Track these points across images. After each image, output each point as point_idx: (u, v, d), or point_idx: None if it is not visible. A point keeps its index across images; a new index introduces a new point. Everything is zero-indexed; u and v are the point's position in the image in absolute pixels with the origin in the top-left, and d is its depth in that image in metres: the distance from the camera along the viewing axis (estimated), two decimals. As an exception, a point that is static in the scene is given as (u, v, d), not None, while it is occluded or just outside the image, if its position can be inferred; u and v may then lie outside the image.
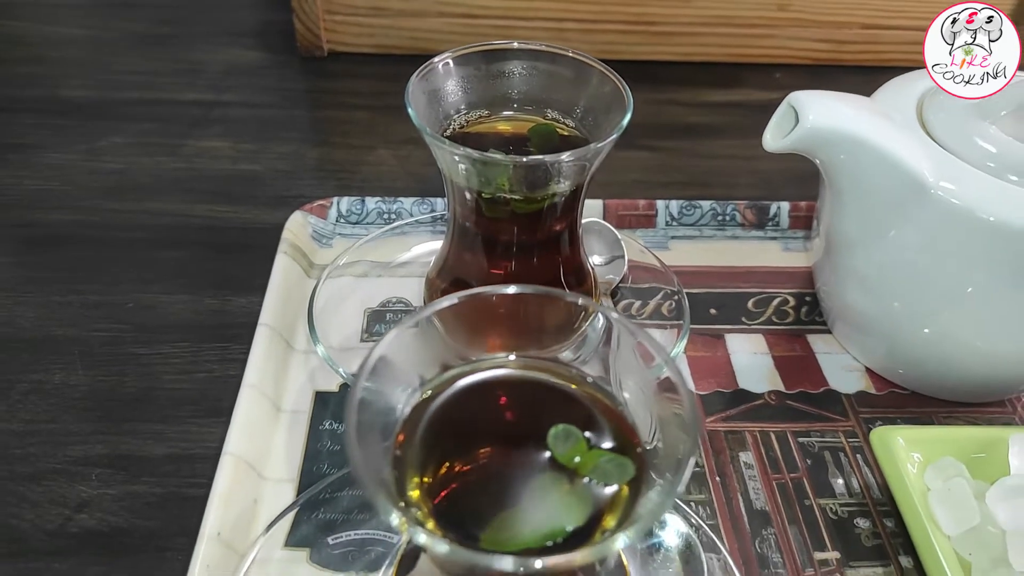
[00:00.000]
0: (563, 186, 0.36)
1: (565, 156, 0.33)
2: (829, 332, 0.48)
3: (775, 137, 0.39)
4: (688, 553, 0.34)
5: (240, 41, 0.72)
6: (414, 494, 0.24)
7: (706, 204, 0.54)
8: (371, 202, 0.52)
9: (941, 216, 0.37)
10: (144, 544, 0.37)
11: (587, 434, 0.26)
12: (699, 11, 0.69)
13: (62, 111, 0.63)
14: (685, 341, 0.43)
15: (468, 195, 0.37)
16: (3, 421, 0.41)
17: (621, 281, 0.48)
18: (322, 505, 0.37)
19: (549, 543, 0.23)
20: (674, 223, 0.53)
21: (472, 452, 0.26)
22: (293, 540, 0.36)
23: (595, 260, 0.48)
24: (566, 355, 0.31)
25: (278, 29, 0.72)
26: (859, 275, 0.42)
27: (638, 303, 0.48)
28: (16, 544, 0.36)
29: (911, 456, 0.38)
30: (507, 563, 0.20)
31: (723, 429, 0.42)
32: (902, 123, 0.39)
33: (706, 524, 0.37)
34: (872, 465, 0.41)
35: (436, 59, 0.37)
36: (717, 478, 0.40)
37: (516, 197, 0.36)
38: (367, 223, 0.52)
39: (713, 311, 0.49)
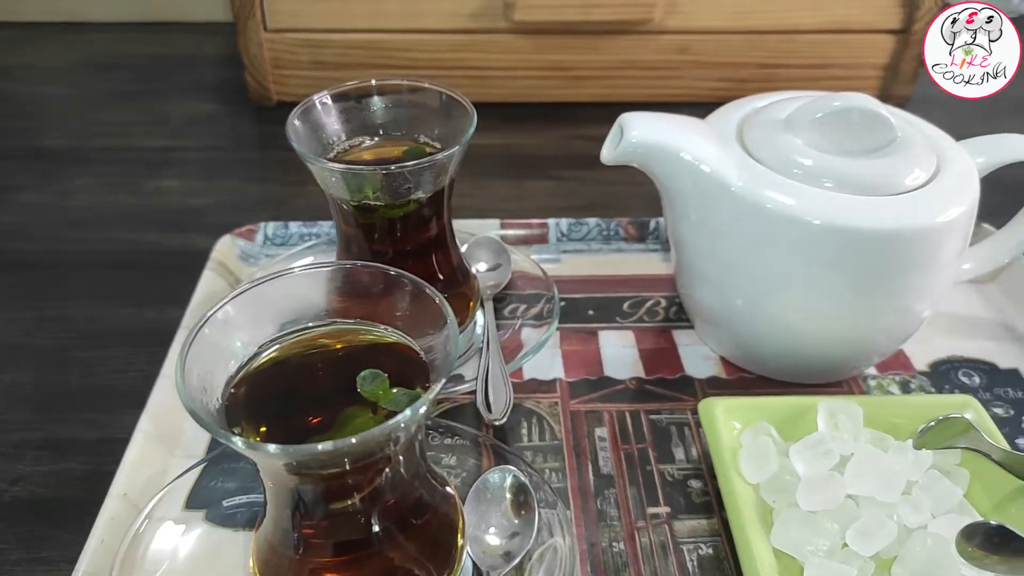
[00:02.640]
0: (422, 192, 0.43)
1: (413, 163, 0.40)
2: (692, 327, 0.53)
3: (609, 151, 0.45)
4: (523, 503, 0.39)
5: (201, 95, 0.81)
6: (246, 430, 0.30)
7: (592, 221, 0.60)
8: (294, 226, 0.59)
9: (746, 216, 0.43)
10: (67, 510, 0.43)
11: (390, 376, 0.32)
12: (609, 57, 0.77)
13: (42, 158, 0.71)
14: (550, 332, 0.50)
15: (345, 207, 0.44)
16: (-43, 414, 0.48)
17: (507, 287, 0.54)
18: (221, 475, 0.43)
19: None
20: (564, 239, 0.60)
21: (294, 393, 0.32)
22: (192, 503, 0.42)
23: (480, 267, 0.54)
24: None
25: (235, 84, 0.81)
26: (702, 275, 0.48)
27: (523, 306, 0.54)
28: (-44, 511, 0.43)
29: (731, 423, 0.43)
30: (295, 450, 0.26)
31: (584, 409, 0.48)
32: (721, 139, 0.46)
33: (555, 486, 0.43)
34: (712, 437, 0.46)
35: (315, 96, 0.45)
36: (572, 450, 0.45)
37: (382, 203, 0.42)
38: (291, 244, 0.59)
39: (591, 312, 0.55)
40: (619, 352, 0.52)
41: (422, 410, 0.29)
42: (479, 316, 0.51)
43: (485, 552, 0.38)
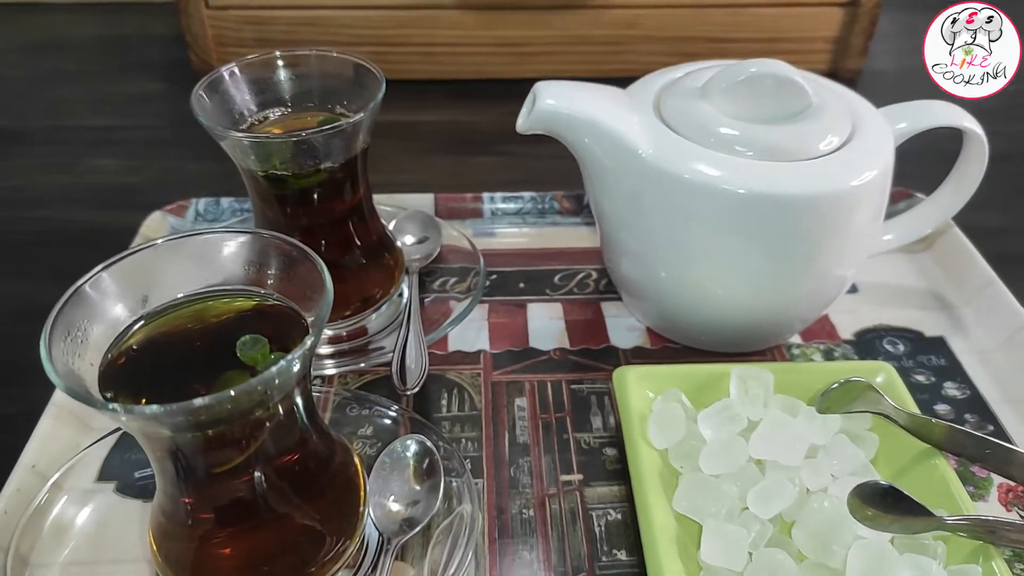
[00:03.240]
0: (331, 162, 0.42)
1: (316, 131, 0.40)
2: (620, 299, 0.53)
3: (523, 120, 0.45)
4: (429, 471, 0.39)
5: (147, 74, 0.80)
6: (124, 399, 0.30)
7: (527, 195, 0.60)
8: (226, 202, 0.59)
9: (660, 186, 0.43)
10: (-21, 483, 0.42)
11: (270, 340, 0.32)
12: (557, 32, 0.77)
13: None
14: (473, 304, 0.50)
15: (257, 179, 0.43)
16: None
17: (437, 260, 0.54)
18: (136, 448, 0.43)
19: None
20: (499, 213, 0.60)
21: (174, 361, 0.32)
22: (104, 475, 0.42)
23: (408, 240, 0.54)
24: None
25: (181, 64, 0.80)
26: (624, 247, 0.48)
27: (452, 279, 0.54)
28: None
29: (644, 391, 0.43)
30: (168, 410, 0.26)
31: (505, 380, 0.48)
32: (638, 108, 0.46)
33: (470, 456, 0.43)
34: (631, 406, 0.46)
35: (222, 68, 0.44)
36: (491, 420, 0.45)
37: (291, 173, 0.42)
38: (223, 220, 0.58)
39: (521, 285, 0.55)
40: (546, 324, 0.52)
41: (295, 367, 0.28)
42: (404, 288, 0.51)
43: (388, 519, 0.38)
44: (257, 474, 0.32)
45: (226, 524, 0.34)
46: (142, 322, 0.32)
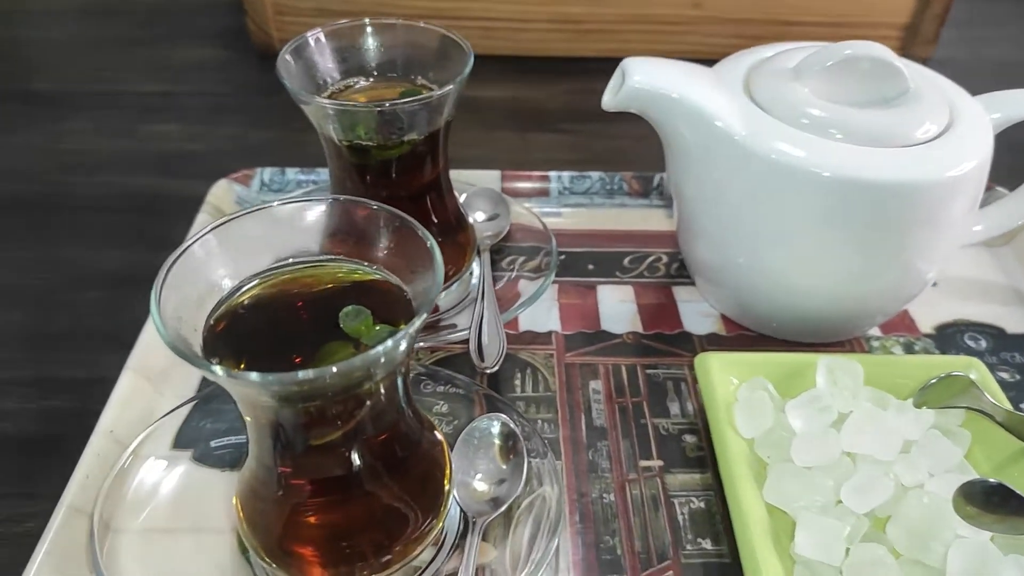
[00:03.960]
0: (416, 134, 0.41)
1: (405, 101, 0.39)
2: (693, 284, 0.52)
3: (610, 97, 0.44)
4: (512, 450, 0.39)
5: (203, 42, 0.79)
6: (226, 363, 0.29)
7: (595, 175, 0.59)
8: (291, 172, 0.58)
9: (750, 166, 0.42)
10: (51, 446, 0.42)
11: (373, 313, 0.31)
12: (618, 10, 0.75)
13: (35, 102, 0.70)
14: (546, 284, 0.49)
15: (338, 148, 0.42)
16: (-57, 349, 0.48)
17: (506, 239, 0.53)
18: (210, 416, 0.42)
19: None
20: (566, 192, 0.59)
21: (275, 329, 0.31)
22: (180, 443, 0.41)
23: (478, 217, 0.53)
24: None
25: (238, 32, 0.79)
26: (704, 230, 0.47)
27: (521, 258, 0.53)
28: (-58, 447, 0.42)
29: (728, 378, 0.42)
30: (275, 379, 0.26)
31: (579, 362, 0.47)
32: (728, 87, 0.44)
33: (546, 437, 0.42)
34: (708, 393, 0.45)
35: (308, 34, 0.43)
36: (566, 402, 0.45)
37: (375, 144, 0.41)
38: (288, 191, 0.58)
39: (591, 266, 0.54)
40: (617, 307, 0.51)
41: (402, 345, 0.28)
42: (475, 266, 0.50)
43: (472, 498, 0.38)
44: (352, 448, 0.31)
45: (316, 496, 0.33)
46: (246, 287, 0.32)
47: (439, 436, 0.36)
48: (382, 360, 0.28)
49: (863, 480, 0.36)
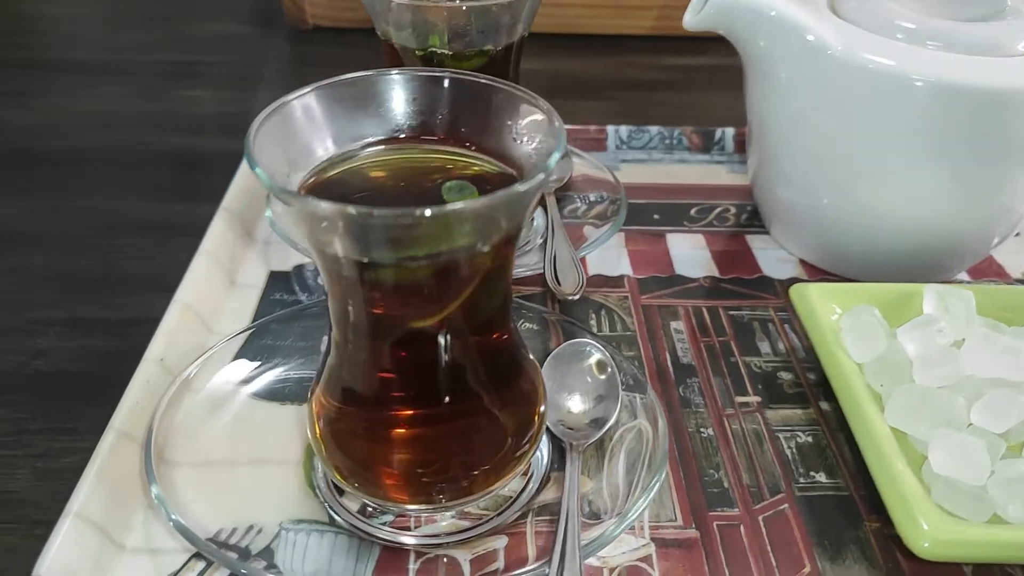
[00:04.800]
0: (495, 43, 0.39)
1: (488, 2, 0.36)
2: (767, 233, 0.49)
3: (692, 14, 0.42)
4: (604, 374, 0.35)
5: (230, 18, 0.77)
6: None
7: (654, 129, 0.56)
8: (336, 125, 0.55)
9: (846, 80, 0.39)
10: (93, 383, 0.39)
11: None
12: (660, -15, 0.74)
13: (63, 68, 0.68)
14: (615, 228, 0.46)
15: (410, 58, 0.40)
16: (-28, 292, 0.44)
17: (566, 188, 0.51)
18: (264, 351, 0.39)
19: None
20: (624, 147, 0.56)
21: (375, 200, 0.28)
22: (231, 373, 0.37)
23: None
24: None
25: (265, 8, 0.78)
26: (785, 172, 0.45)
27: (583, 206, 0.50)
28: (-28, 382, 0.39)
29: (830, 306, 0.39)
30: (396, 216, 0.22)
31: (657, 304, 0.44)
32: (812, 5, 0.42)
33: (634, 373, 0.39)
34: (799, 332, 0.42)
35: None
36: (648, 340, 0.41)
37: (450, 53, 0.39)
38: (332, 144, 0.55)
39: (656, 216, 0.51)
40: (689, 253, 0.48)
41: (531, 197, 0.24)
42: (538, 212, 0.48)
43: (566, 423, 0.34)
44: (450, 349, 0.28)
45: (408, 407, 0.30)
46: (339, 160, 0.29)
47: (529, 354, 0.33)
48: (510, 209, 0.25)
49: (997, 399, 0.33)
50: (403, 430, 0.30)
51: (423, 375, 0.29)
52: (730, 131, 0.56)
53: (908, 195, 0.42)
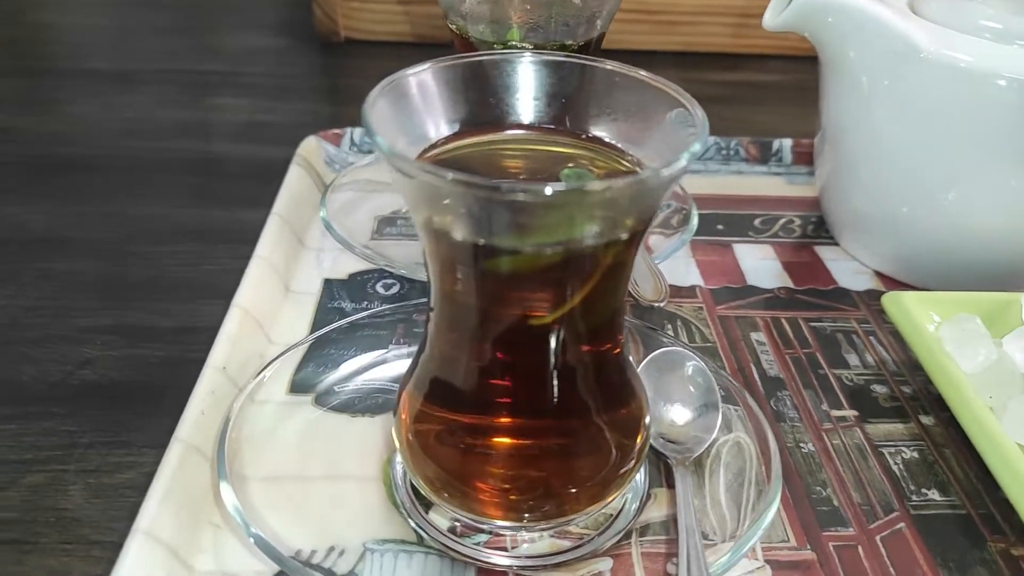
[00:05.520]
0: (575, 38, 0.37)
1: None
2: (836, 244, 0.48)
3: (773, 15, 0.40)
4: (700, 385, 0.33)
5: (257, 30, 0.76)
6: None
7: (710, 139, 0.55)
8: (383, 132, 0.54)
9: (936, 80, 0.38)
10: (144, 394, 0.36)
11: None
12: (698, 0, 0.73)
13: (88, 76, 0.66)
14: (687, 237, 0.44)
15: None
16: (11, 299, 0.41)
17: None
18: (327, 362, 0.36)
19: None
20: (679, 158, 0.54)
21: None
22: (297, 387, 0.35)
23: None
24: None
25: (293, 20, 0.76)
26: (862, 181, 0.43)
27: (645, 216, 0.48)
28: (17, 392, 0.36)
29: (927, 316, 0.37)
30: (528, 191, 0.20)
31: (733, 315, 0.42)
32: (894, 6, 0.41)
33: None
34: (886, 344, 0.40)
35: None
36: (729, 352, 0.39)
37: (532, 45, 0.37)
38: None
39: (720, 226, 0.49)
40: (760, 264, 0.46)
41: (673, 182, 0.22)
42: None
43: (667, 436, 0.32)
44: (560, 352, 0.26)
45: (509, 417, 0.27)
46: (453, 139, 0.27)
47: (633, 364, 0.31)
48: (646, 197, 0.23)
49: None
50: (504, 440, 0.28)
51: (530, 381, 0.27)
52: (788, 142, 0.55)
53: (995, 201, 0.40)
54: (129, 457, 0.33)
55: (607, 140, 0.27)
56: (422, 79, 0.26)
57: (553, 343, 0.26)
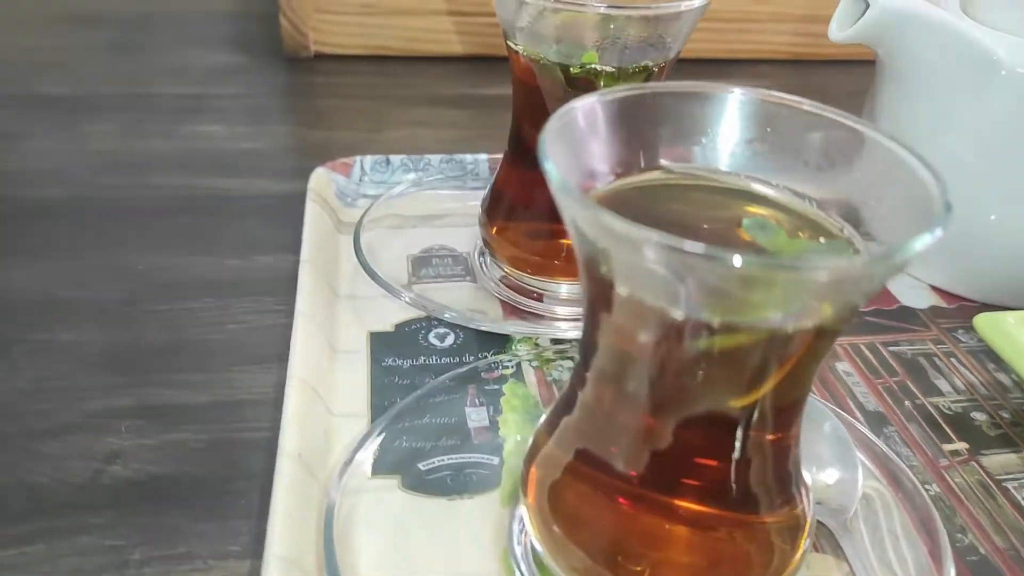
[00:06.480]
0: (652, 59, 0.34)
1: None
2: (886, 258, 0.46)
3: (841, 28, 0.38)
4: (830, 435, 0.31)
5: (215, 47, 0.69)
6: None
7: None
8: (396, 160, 0.49)
9: (1018, 95, 0.37)
10: (196, 489, 0.31)
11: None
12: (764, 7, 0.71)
13: (40, 106, 0.58)
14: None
15: (551, 87, 0.35)
16: (5, 381, 0.35)
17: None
18: (403, 433, 0.32)
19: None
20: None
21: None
22: (379, 469, 0.31)
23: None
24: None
25: (252, 35, 0.71)
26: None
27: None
28: (36, 501, 0.30)
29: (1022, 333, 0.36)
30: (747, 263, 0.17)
31: (811, 344, 0.40)
32: (949, 13, 0.40)
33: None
34: (969, 366, 0.39)
35: None
36: (821, 387, 0.37)
37: (607, 70, 0.34)
38: (393, 182, 0.49)
39: (766, 247, 0.47)
40: (817, 285, 0.44)
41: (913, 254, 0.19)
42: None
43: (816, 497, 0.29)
44: (735, 440, 0.22)
45: (678, 498, 0.24)
46: (627, 180, 0.23)
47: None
48: (859, 284, 0.20)
49: None
50: (675, 532, 0.24)
51: (699, 466, 0.24)
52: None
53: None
54: (196, 573, 0.28)
55: (801, 193, 0.24)
56: (600, 110, 0.22)
57: (730, 429, 0.22)
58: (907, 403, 0.37)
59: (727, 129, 0.24)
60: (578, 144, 0.22)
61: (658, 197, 0.24)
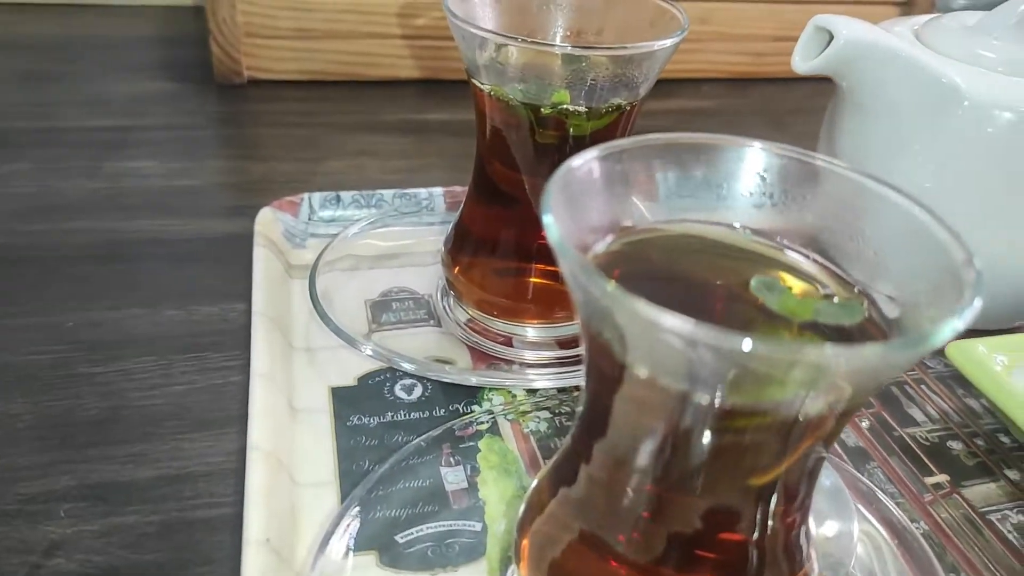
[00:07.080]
0: (623, 97, 0.33)
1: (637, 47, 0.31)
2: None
3: (804, 59, 0.38)
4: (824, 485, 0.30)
5: (144, 74, 0.65)
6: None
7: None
8: (347, 196, 0.47)
9: (978, 125, 0.37)
10: (152, 581, 0.28)
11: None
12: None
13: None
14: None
15: (518, 127, 0.33)
16: (-81, 465, 0.31)
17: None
18: (378, 503, 0.30)
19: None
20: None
21: (674, 294, 0.21)
22: (354, 546, 0.28)
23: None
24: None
25: (179, 61, 0.67)
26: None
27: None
28: (-35, 608, 0.27)
29: (996, 361, 0.36)
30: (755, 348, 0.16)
31: (785, 377, 0.39)
32: (911, 45, 0.40)
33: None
34: (939, 392, 0.39)
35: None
36: (798, 423, 0.36)
37: (578, 111, 0.32)
38: (345, 219, 0.46)
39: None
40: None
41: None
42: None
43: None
44: (744, 524, 0.21)
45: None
46: (632, 238, 0.22)
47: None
48: (879, 372, 0.19)
49: None
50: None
51: (713, 543, 0.22)
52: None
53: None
54: None
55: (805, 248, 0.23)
56: (605, 166, 0.21)
57: (738, 513, 0.21)
58: (886, 436, 0.36)
59: (732, 181, 0.23)
60: (578, 203, 0.20)
61: (662, 255, 0.22)
